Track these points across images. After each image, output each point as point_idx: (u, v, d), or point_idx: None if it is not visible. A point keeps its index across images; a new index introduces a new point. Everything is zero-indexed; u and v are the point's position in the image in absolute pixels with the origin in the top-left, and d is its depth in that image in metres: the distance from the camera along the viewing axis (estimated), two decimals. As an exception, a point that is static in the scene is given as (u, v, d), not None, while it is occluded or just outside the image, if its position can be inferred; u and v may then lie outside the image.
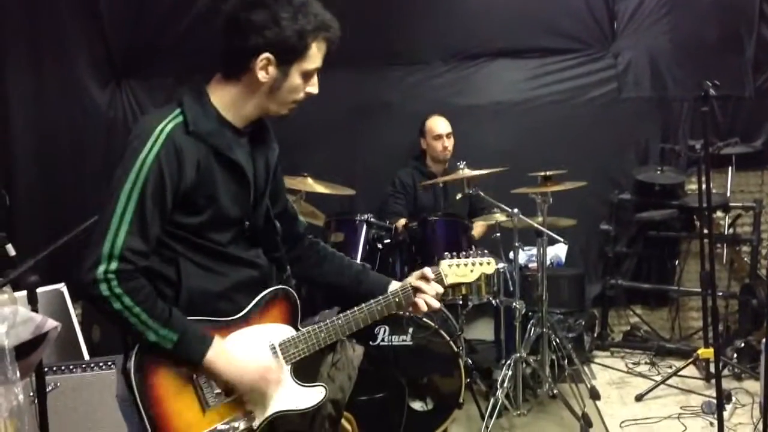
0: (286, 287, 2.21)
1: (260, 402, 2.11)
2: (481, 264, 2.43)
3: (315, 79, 2.06)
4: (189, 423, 1.99)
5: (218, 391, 2.04)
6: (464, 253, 2.42)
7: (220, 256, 2.06)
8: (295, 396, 2.17)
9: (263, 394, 2.10)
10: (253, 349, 2.10)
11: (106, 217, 1.88)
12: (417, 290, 2.30)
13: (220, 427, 2.03)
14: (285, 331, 2.18)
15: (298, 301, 2.21)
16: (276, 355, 2.14)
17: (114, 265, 1.85)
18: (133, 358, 1.94)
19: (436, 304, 2.31)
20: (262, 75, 1.96)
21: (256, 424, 2.09)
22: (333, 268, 2.39)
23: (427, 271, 2.31)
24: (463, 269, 2.40)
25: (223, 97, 2.02)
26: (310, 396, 2.20)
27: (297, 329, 2.19)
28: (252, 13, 1.93)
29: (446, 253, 2.42)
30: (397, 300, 2.27)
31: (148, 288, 1.92)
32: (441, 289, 2.33)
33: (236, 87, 2.01)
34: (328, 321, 2.21)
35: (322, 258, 2.39)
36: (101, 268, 1.84)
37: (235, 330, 2.09)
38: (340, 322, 2.22)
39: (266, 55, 1.94)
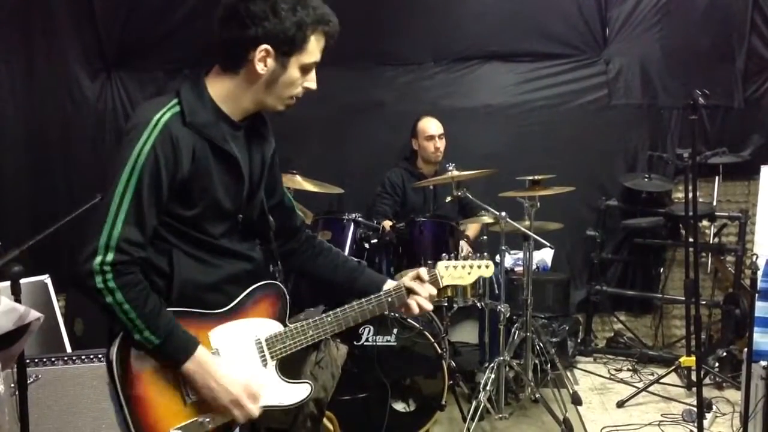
0: (276, 282, 2.19)
1: None
2: (479, 267, 2.41)
3: (313, 74, 2.05)
4: (169, 413, 1.97)
5: None
6: (463, 255, 2.41)
7: (213, 249, 2.05)
8: (280, 392, 2.15)
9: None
10: (237, 358, 2.08)
11: (104, 207, 1.87)
12: (410, 291, 2.28)
13: (200, 419, 2.01)
14: (272, 327, 2.16)
15: (287, 297, 2.19)
16: (262, 350, 2.13)
17: (110, 257, 1.84)
18: (116, 346, 1.94)
19: (429, 307, 2.29)
20: (260, 67, 1.95)
21: None
22: (328, 263, 2.37)
23: (423, 272, 2.30)
24: (459, 271, 2.38)
25: (220, 89, 2.01)
26: (295, 392, 2.18)
27: (285, 325, 2.17)
28: (252, 3, 1.92)
29: (444, 254, 2.41)
30: (389, 300, 2.26)
31: (142, 284, 1.91)
32: (434, 291, 2.31)
33: (234, 79, 2.00)
34: (317, 318, 2.20)
35: (317, 253, 2.38)
36: (98, 260, 1.84)
37: (222, 323, 2.08)
38: (329, 319, 2.20)
39: (265, 46, 1.93)
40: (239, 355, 2.10)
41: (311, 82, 2.05)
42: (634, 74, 5.61)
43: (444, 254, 2.41)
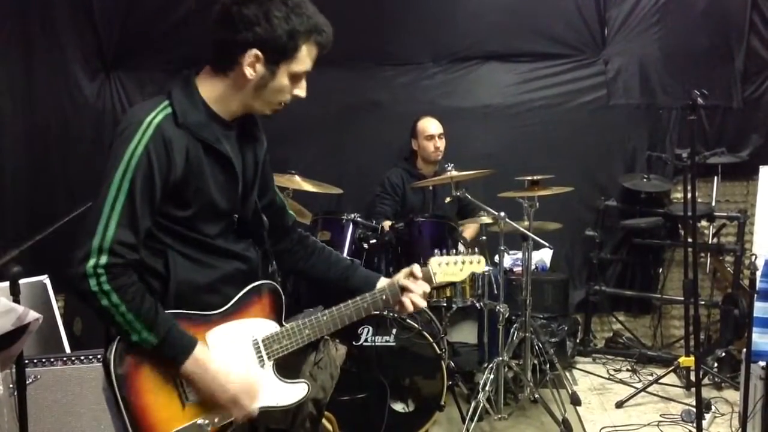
0: (272, 282, 2.19)
1: None
2: (471, 263, 2.42)
3: (303, 83, 2.04)
4: (168, 416, 1.96)
5: None
6: (454, 251, 2.42)
7: (209, 249, 2.03)
8: (277, 392, 2.16)
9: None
10: (235, 358, 2.07)
11: (97, 209, 1.86)
12: (404, 289, 2.28)
13: (200, 421, 2.01)
14: (269, 327, 2.16)
15: (283, 297, 2.19)
16: (259, 351, 2.13)
17: (104, 260, 1.82)
18: (114, 350, 1.91)
19: (422, 304, 2.29)
20: (249, 72, 1.95)
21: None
22: (321, 262, 2.37)
23: (416, 268, 2.29)
24: (452, 267, 2.39)
25: (211, 90, 2.01)
26: (292, 392, 2.18)
27: (281, 325, 2.17)
28: (245, 7, 1.91)
29: (436, 250, 2.41)
30: (384, 298, 2.25)
31: (137, 285, 1.89)
32: (428, 288, 2.31)
33: (223, 81, 2.00)
34: (312, 317, 2.20)
35: (310, 252, 2.38)
36: (91, 262, 1.81)
37: (219, 324, 2.07)
38: (325, 318, 2.20)
39: (254, 51, 1.92)
40: (237, 355, 2.09)
41: (301, 90, 2.05)
42: (633, 74, 5.61)
43: (436, 249, 2.42)
